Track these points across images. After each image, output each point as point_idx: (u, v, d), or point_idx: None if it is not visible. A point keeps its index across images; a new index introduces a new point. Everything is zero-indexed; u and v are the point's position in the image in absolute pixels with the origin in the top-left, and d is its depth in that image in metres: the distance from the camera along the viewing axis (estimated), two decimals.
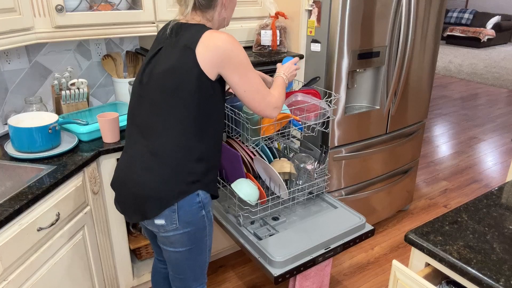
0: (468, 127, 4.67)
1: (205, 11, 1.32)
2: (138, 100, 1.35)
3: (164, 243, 1.40)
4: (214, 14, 1.34)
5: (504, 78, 6.86)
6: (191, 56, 1.24)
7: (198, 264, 1.46)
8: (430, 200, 3.10)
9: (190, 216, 1.35)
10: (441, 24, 2.43)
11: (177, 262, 1.44)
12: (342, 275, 2.30)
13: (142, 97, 1.34)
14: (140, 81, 1.35)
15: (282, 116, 1.78)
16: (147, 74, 1.33)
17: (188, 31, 1.29)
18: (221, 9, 1.34)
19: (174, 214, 1.33)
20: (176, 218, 1.33)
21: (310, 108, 1.92)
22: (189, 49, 1.24)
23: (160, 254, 1.70)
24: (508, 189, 1.38)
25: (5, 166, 1.53)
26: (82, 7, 1.76)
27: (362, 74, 2.36)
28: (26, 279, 1.32)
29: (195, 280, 1.49)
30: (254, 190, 1.79)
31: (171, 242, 1.38)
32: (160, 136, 1.29)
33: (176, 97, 1.26)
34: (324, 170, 2.01)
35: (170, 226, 1.34)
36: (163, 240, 1.40)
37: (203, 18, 1.34)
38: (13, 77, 1.88)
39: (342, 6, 1.95)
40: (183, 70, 1.25)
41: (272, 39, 2.19)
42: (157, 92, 1.29)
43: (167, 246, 1.41)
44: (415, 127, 2.63)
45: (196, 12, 1.33)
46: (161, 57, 1.31)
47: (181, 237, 1.37)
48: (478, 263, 1.02)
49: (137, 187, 1.31)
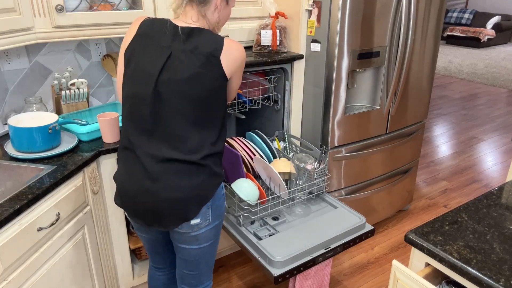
0: (468, 127, 4.67)
1: (200, 5, 1.32)
2: (153, 108, 1.29)
3: (190, 242, 1.40)
4: (207, 11, 1.34)
5: (504, 78, 6.86)
6: (218, 65, 1.29)
7: (212, 257, 1.51)
8: (430, 200, 3.10)
9: (220, 209, 1.42)
10: (441, 24, 2.43)
11: (195, 258, 1.45)
12: (342, 275, 2.30)
13: (161, 105, 1.28)
14: (155, 89, 1.28)
15: None
16: (164, 82, 1.27)
17: (201, 36, 1.29)
18: (215, 9, 1.35)
19: (209, 210, 1.36)
20: (209, 214, 1.37)
21: (254, 85, 2.26)
22: (214, 58, 1.28)
23: (160, 262, 1.65)
24: (508, 189, 1.38)
25: (5, 166, 1.53)
26: (82, 7, 1.76)
27: (362, 74, 2.36)
28: (26, 279, 1.32)
29: (207, 274, 1.52)
30: (254, 190, 1.79)
31: (197, 239, 1.40)
32: (191, 141, 1.30)
33: (204, 103, 1.29)
34: (324, 170, 2.01)
35: (203, 223, 1.37)
36: (190, 240, 1.39)
37: (199, 15, 1.33)
38: (13, 77, 1.88)
39: (342, 6, 1.95)
40: (210, 77, 1.28)
41: (272, 39, 2.19)
42: (183, 100, 1.27)
43: (192, 244, 1.41)
44: (415, 127, 2.63)
45: (192, 7, 1.32)
46: (178, 64, 1.27)
47: (209, 232, 1.40)
48: (478, 263, 1.02)
49: (174, 192, 1.30)
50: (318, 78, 2.16)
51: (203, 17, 1.34)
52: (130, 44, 1.33)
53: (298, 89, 2.26)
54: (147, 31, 1.33)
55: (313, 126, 2.28)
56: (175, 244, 1.45)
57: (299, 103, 2.29)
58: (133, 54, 1.32)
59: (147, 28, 1.33)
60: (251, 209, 1.83)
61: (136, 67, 1.31)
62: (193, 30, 1.30)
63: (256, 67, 2.05)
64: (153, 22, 1.33)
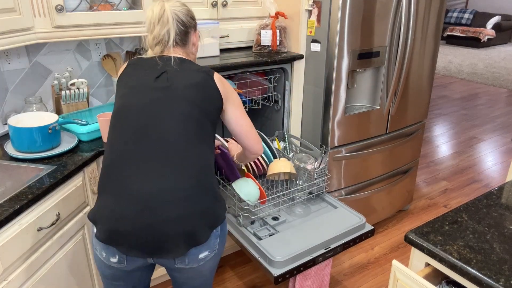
0: (468, 127, 4.67)
1: (182, 46, 1.40)
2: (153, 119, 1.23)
3: (194, 276, 1.31)
4: (189, 49, 1.43)
5: (504, 78, 6.86)
6: (212, 80, 1.33)
7: (212, 278, 1.44)
8: (430, 200, 3.10)
9: (225, 236, 1.35)
10: (441, 24, 2.43)
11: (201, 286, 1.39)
12: (342, 275, 2.30)
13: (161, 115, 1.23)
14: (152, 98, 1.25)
15: None
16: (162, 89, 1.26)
17: (192, 64, 1.36)
18: (192, 46, 1.44)
19: (217, 240, 1.28)
20: (217, 244, 1.29)
21: (254, 84, 2.25)
22: (207, 75, 1.33)
23: None
24: (508, 189, 1.38)
25: (5, 166, 1.53)
26: (82, 7, 1.76)
27: (362, 74, 2.36)
28: (26, 279, 1.32)
29: None
30: (255, 190, 1.79)
31: (201, 272, 1.31)
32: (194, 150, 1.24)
33: (204, 112, 1.29)
34: (324, 170, 2.01)
35: (210, 255, 1.28)
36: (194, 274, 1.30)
37: (184, 53, 1.41)
38: (13, 77, 1.88)
39: (342, 6, 1.95)
40: (209, 88, 1.32)
41: (272, 39, 2.19)
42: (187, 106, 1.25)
43: (196, 278, 1.33)
44: (415, 127, 2.63)
45: (177, 49, 1.39)
46: (177, 75, 1.30)
47: (213, 262, 1.32)
48: (478, 263, 1.02)
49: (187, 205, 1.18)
50: (318, 78, 2.16)
51: (187, 54, 1.42)
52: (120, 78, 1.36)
53: (298, 89, 2.26)
54: (136, 62, 1.37)
55: (313, 126, 2.28)
56: (176, 281, 1.37)
57: (299, 103, 2.29)
58: (122, 80, 1.34)
59: (136, 60, 1.37)
60: (251, 209, 1.83)
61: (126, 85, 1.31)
62: (184, 60, 1.36)
63: (256, 67, 2.05)
64: (140, 58, 1.38)
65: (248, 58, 2.06)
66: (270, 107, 2.43)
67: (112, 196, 1.19)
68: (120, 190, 1.18)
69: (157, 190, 1.17)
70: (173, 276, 1.36)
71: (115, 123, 1.27)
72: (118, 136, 1.24)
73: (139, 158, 1.20)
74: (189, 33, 1.40)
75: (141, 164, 1.19)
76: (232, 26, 2.22)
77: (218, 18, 2.18)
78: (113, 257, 1.23)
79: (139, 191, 1.16)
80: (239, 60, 2.00)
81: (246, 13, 2.25)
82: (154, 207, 1.16)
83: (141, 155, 1.20)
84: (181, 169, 1.20)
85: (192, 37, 1.42)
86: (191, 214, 1.19)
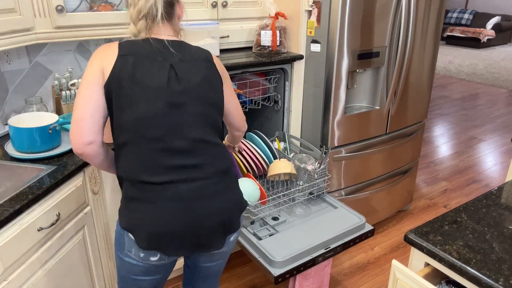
0: (468, 127, 4.68)
1: (169, 21, 1.30)
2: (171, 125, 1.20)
3: (218, 259, 1.39)
4: (175, 23, 1.33)
5: (504, 78, 6.87)
6: (214, 67, 1.30)
7: None
8: (430, 200, 3.10)
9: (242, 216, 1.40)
10: (441, 24, 2.43)
11: (219, 268, 1.45)
12: (342, 275, 2.30)
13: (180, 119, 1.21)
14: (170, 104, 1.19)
15: None
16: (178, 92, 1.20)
17: (188, 47, 1.29)
18: (178, 19, 1.34)
19: (242, 221, 1.36)
20: (240, 224, 1.35)
21: (254, 85, 2.25)
22: (209, 62, 1.29)
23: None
24: (507, 189, 1.38)
25: (6, 166, 1.53)
26: (82, 8, 1.76)
27: (362, 74, 2.36)
28: (26, 279, 1.32)
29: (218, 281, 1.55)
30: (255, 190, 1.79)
31: (227, 252, 1.39)
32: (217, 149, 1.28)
33: (216, 107, 1.29)
34: (325, 171, 2.01)
35: (237, 236, 1.36)
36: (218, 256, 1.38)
37: (172, 29, 1.31)
38: (13, 77, 1.88)
39: (342, 6, 1.95)
40: (215, 78, 1.30)
41: (272, 39, 2.19)
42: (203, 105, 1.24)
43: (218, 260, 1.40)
44: (415, 127, 2.63)
45: (164, 25, 1.28)
46: (184, 71, 1.23)
47: (235, 241, 1.38)
48: (477, 262, 1.02)
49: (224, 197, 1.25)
50: (318, 79, 2.16)
51: (175, 30, 1.33)
52: (115, 68, 1.18)
53: (298, 90, 2.26)
54: (130, 46, 1.21)
55: (313, 127, 2.28)
56: (198, 264, 1.40)
57: (299, 103, 2.30)
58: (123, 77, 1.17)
59: (130, 45, 1.22)
60: (251, 209, 1.83)
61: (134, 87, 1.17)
62: (180, 43, 1.28)
63: (256, 68, 2.05)
64: (134, 42, 1.24)
65: (248, 58, 2.07)
66: (270, 107, 2.43)
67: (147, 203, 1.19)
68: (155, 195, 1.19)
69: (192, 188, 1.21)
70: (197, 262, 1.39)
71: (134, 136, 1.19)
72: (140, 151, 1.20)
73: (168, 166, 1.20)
74: (174, 4, 1.29)
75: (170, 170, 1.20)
76: (232, 26, 2.22)
77: (218, 18, 2.18)
78: (153, 256, 1.25)
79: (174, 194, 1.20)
80: (239, 61, 2.00)
81: (246, 14, 2.25)
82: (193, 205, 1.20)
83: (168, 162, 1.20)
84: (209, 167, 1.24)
85: (177, 9, 1.31)
86: (228, 206, 1.26)
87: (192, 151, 1.21)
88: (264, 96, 2.34)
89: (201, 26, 2.00)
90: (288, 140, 2.30)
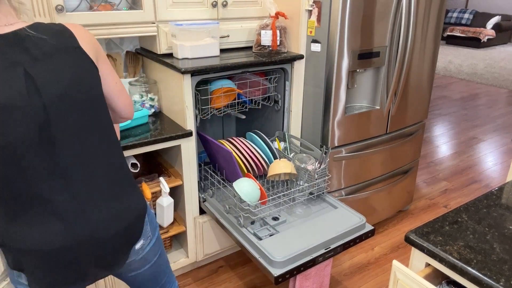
0: (468, 127, 4.68)
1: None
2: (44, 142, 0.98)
3: (139, 266, 1.26)
4: None
5: (504, 78, 6.87)
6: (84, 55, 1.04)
7: (167, 264, 1.39)
8: (430, 200, 3.10)
9: (153, 219, 1.27)
10: (441, 24, 2.43)
11: (154, 275, 1.33)
12: (342, 275, 2.30)
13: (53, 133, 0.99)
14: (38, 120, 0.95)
15: (227, 89, 2.06)
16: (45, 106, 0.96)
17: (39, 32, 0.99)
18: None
19: (147, 225, 1.22)
20: (148, 229, 1.23)
21: (254, 85, 2.24)
22: (78, 49, 1.03)
23: None
24: (508, 189, 1.38)
25: None
26: (82, 7, 1.76)
27: (362, 74, 2.36)
28: None
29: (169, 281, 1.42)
30: (255, 190, 1.79)
31: (146, 260, 1.26)
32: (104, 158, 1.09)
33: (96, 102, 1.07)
34: (325, 171, 2.01)
35: (146, 241, 1.23)
36: (138, 264, 1.25)
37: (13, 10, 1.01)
38: None
39: (342, 6, 1.95)
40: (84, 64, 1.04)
41: (272, 39, 2.19)
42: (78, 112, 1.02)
43: (142, 267, 1.27)
44: (415, 127, 2.63)
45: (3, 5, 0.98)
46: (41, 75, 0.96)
47: (154, 247, 1.27)
48: (478, 263, 1.02)
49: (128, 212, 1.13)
50: (318, 78, 2.16)
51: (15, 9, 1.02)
52: None
53: (298, 89, 2.26)
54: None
55: (313, 126, 2.28)
56: (124, 277, 1.29)
57: (299, 103, 2.29)
58: None
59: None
60: (251, 209, 1.83)
61: None
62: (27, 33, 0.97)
63: (256, 67, 2.05)
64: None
65: (248, 58, 2.06)
66: (270, 107, 2.43)
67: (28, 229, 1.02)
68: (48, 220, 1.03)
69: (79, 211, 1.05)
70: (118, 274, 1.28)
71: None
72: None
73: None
74: None
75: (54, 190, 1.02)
76: (232, 26, 2.22)
77: (218, 18, 2.18)
78: None
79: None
80: (239, 60, 2.00)
81: (246, 13, 2.25)
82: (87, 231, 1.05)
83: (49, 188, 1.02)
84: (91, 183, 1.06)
85: None
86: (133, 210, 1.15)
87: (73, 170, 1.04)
88: (264, 96, 2.34)
89: (201, 26, 2.00)
90: (288, 140, 2.30)
